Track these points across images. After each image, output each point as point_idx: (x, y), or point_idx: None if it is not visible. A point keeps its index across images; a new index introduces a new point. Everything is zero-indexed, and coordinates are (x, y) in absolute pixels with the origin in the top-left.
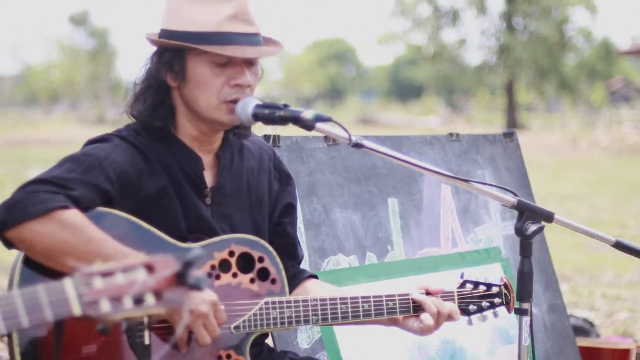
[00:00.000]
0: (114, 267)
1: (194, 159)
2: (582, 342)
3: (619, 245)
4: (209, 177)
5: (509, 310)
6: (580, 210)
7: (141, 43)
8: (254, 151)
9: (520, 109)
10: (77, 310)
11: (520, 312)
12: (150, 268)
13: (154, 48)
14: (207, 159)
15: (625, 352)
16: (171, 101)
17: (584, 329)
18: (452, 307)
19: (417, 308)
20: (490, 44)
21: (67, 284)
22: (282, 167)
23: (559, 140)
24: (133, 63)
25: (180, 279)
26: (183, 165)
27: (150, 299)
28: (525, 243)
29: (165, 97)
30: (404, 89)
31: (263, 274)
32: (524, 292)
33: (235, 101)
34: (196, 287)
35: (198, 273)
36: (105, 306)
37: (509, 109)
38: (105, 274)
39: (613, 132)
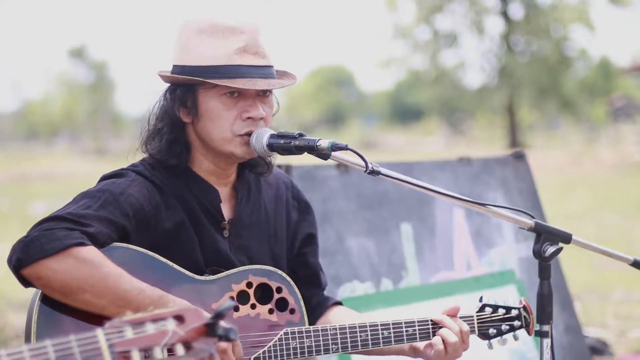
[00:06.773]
0: (144, 318)
1: (211, 192)
2: None
3: (638, 264)
4: (226, 210)
5: (529, 333)
6: (588, 229)
7: (139, 76)
8: (271, 181)
9: (522, 128)
10: None
11: (541, 335)
12: (180, 319)
13: (166, 85)
14: (225, 192)
15: None
16: (186, 137)
17: (598, 349)
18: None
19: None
20: (491, 65)
21: (99, 334)
22: (301, 196)
23: (562, 158)
24: (132, 95)
25: (210, 330)
26: (200, 198)
27: (180, 350)
28: (544, 265)
29: (179, 134)
30: (404, 112)
31: (282, 305)
32: (544, 314)
33: (249, 134)
34: (225, 337)
35: (227, 324)
36: (135, 357)
37: (511, 129)
38: (136, 324)
39: (616, 149)
